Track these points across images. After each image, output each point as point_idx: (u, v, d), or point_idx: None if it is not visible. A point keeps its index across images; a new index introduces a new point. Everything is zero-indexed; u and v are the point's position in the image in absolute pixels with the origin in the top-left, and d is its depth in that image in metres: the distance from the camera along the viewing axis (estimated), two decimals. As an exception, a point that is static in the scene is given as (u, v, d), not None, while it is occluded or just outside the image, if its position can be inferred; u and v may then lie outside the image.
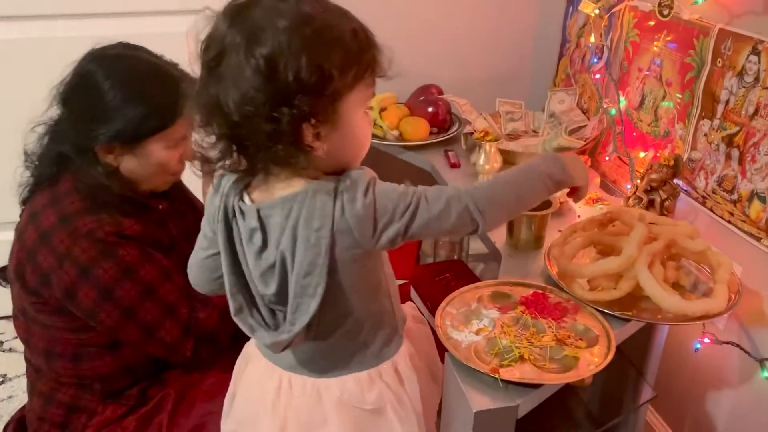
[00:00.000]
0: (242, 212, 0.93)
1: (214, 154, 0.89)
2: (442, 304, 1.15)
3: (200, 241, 1.03)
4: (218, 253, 0.97)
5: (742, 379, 1.37)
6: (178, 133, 1.22)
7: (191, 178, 1.39)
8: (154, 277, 1.20)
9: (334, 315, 0.96)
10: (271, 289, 0.94)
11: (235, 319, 0.97)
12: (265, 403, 1.04)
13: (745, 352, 1.29)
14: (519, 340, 1.08)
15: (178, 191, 1.41)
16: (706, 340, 1.34)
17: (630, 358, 1.44)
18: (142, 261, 1.20)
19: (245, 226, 0.93)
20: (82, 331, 1.24)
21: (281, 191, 0.90)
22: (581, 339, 1.10)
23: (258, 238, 0.92)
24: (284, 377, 1.03)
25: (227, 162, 0.89)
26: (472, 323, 1.12)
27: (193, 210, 1.41)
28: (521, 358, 1.04)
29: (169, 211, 1.33)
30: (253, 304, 0.97)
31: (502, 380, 1.00)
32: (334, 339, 0.99)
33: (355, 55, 0.85)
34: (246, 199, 0.93)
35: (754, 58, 1.28)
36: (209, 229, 0.99)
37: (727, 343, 1.32)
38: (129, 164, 1.22)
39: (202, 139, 0.89)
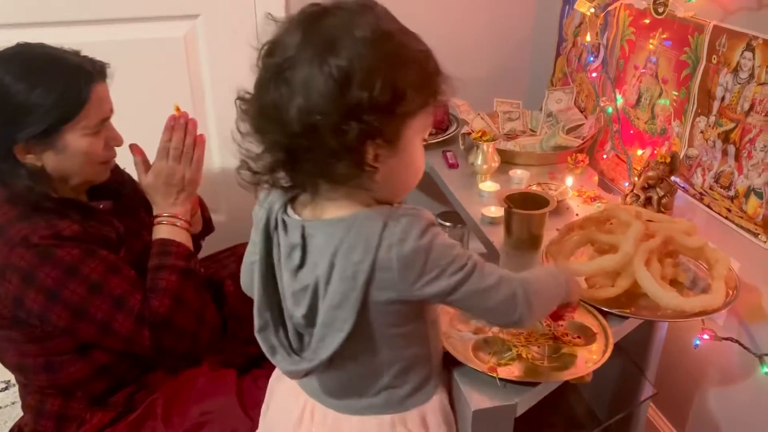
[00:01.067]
0: (285, 225, 0.89)
1: (260, 165, 0.85)
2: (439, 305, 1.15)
3: (249, 245, 1.00)
4: None
5: (742, 375, 1.37)
6: (92, 120, 1.20)
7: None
8: (100, 273, 1.19)
9: (359, 353, 0.91)
10: (301, 310, 0.90)
11: (258, 337, 0.94)
12: (288, 426, 1.02)
13: (745, 347, 1.30)
14: (517, 338, 1.09)
15: (128, 189, 1.40)
16: (706, 337, 1.34)
17: (630, 356, 1.44)
18: (85, 259, 1.18)
19: (286, 240, 0.89)
20: (45, 341, 1.23)
21: (330, 213, 0.86)
22: (579, 337, 1.11)
23: (297, 255, 0.88)
24: (308, 404, 1.00)
25: (276, 176, 0.85)
26: (470, 323, 1.12)
27: (145, 206, 1.38)
28: (519, 357, 1.05)
29: (113, 209, 1.32)
30: (281, 323, 0.94)
31: (500, 379, 1.00)
32: (357, 376, 0.95)
33: (427, 78, 0.83)
34: (291, 212, 0.90)
35: (748, 54, 1.28)
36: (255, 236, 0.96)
37: (727, 339, 1.32)
38: (52, 161, 1.20)
39: (248, 149, 0.85)
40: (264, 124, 0.82)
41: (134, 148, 1.36)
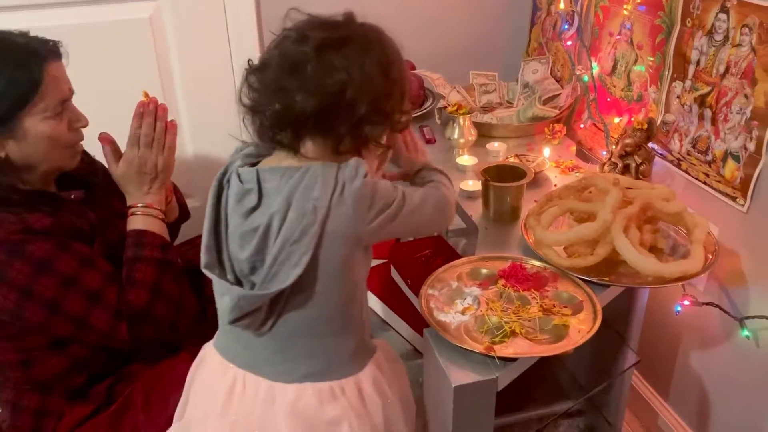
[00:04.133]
0: (239, 176, 0.96)
1: (271, 119, 0.93)
2: (423, 287, 1.13)
3: None
4: None
5: (724, 338, 1.38)
6: (50, 101, 1.15)
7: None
8: (74, 267, 1.15)
9: (304, 299, 0.94)
10: (245, 253, 0.94)
11: (205, 271, 0.97)
12: (215, 404, 1.00)
13: (725, 311, 1.30)
14: (507, 314, 1.07)
15: (99, 177, 1.36)
16: (687, 303, 1.34)
17: (612, 324, 1.44)
18: (57, 253, 1.14)
19: (240, 187, 0.95)
20: (20, 337, 1.19)
21: (287, 162, 0.95)
22: (566, 306, 1.09)
23: (252, 198, 0.94)
24: (239, 376, 1.00)
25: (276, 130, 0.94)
26: (456, 303, 1.11)
27: (118, 195, 1.34)
28: (513, 333, 1.03)
29: (86, 199, 1.28)
30: (222, 267, 0.98)
31: (499, 358, 0.98)
32: (296, 333, 0.97)
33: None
34: (247, 167, 0.97)
35: (723, 16, 1.26)
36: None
37: (707, 304, 1.32)
38: (15, 150, 1.15)
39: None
40: (294, 83, 0.89)
41: (103, 137, 1.30)
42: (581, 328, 1.04)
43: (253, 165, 0.98)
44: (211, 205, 0.99)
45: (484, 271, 1.19)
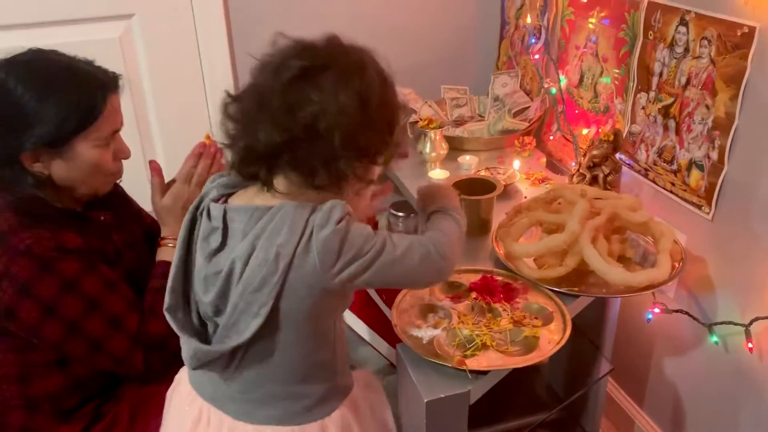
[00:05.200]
0: (208, 211, 0.91)
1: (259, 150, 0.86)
2: (395, 302, 1.14)
3: None
4: None
5: (694, 345, 1.40)
6: (104, 131, 1.18)
7: (138, 186, 1.36)
8: (98, 290, 1.17)
9: (267, 348, 0.90)
10: (210, 296, 0.90)
11: (167, 315, 0.94)
12: None
13: (694, 318, 1.31)
14: (478, 327, 1.08)
15: (121, 201, 1.37)
16: (657, 311, 1.36)
17: (586, 333, 1.46)
18: (84, 274, 1.16)
19: (207, 224, 0.91)
20: (27, 351, 1.20)
21: (260, 199, 0.89)
22: (536, 318, 1.10)
23: (216, 239, 0.89)
24: (204, 410, 0.98)
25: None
26: (428, 317, 1.11)
27: (138, 220, 1.37)
28: (484, 346, 1.04)
29: (112, 223, 1.30)
30: (188, 308, 0.95)
31: (471, 371, 0.99)
32: (259, 378, 0.93)
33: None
34: (218, 202, 0.93)
35: (682, 28, 1.29)
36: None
37: (677, 311, 1.34)
38: (60, 170, 1.17)
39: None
40: (262, 116, 0.84)
41: (153, 167, 1.34)
42: (552, 339, 1.05)
43: (227, 197, 0.94)
44: (182, 239, 0.94)
45: (456, 284, 1.19)
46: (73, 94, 1.14)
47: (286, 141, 0.83)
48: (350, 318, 1.55)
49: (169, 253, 1.30)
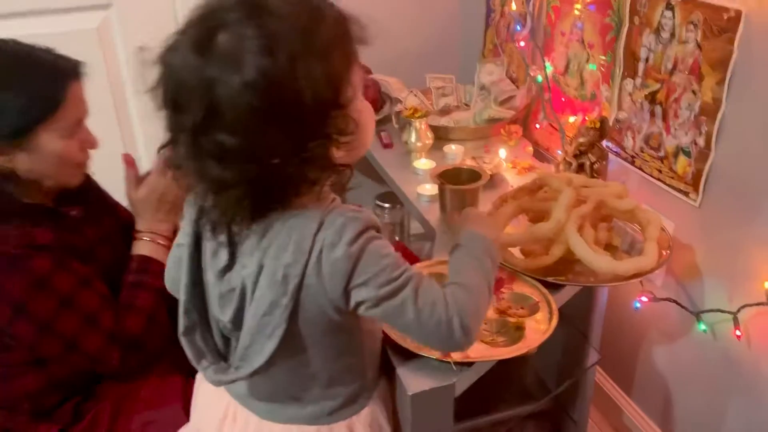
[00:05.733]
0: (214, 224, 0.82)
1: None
2: None
3: (179, 234, 0.93)
4: None
5: (682, 333, 1.39)
6: (67, 121, 1.14)
7: (117, 179, 1.33)
8: (71, 287, 1.13)
9: (288, 362, 0.85)
10: (228, 315, 0.84)
11: (182, 340, 0.87)
12: (213, 425, 0.96)
13: (682, 306, 1.30)
14: None
15: (95, 195, 1.34)
16: (645, 299, 1.34)
17: (574, 323, 1.44)
18: (56, 270, 1.13)
19: (212, 240, 0.83)
20: (2, 351, 1.17)
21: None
22: (522, 307, 1.09)
23: (224, 255, 0.82)
24: (231, 406, 0.95)
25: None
26: None
27: (112, 214, 1.34)
28: None
29: (84, 217, 1.26)
30: (207, 326, 0.88)
31: (456, 363, 0.97)
32: (286, 384, 0.89)
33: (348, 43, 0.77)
34: None
35: (668, 13, 1.27)
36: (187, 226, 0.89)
37: (665, 299, 1.33)
38: (24, 163, 1.13)
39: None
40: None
41: (128, 160, 1.29)
42: (538, 329, 1.03)
43: None
44: (188, 255, 0.85)
45: (441, 274, 1.17)
46: (32, 83, 1.10)
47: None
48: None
49: (146, 247, 1.27)
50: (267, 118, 0.69)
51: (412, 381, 0.95)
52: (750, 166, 1.16)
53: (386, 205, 1.86)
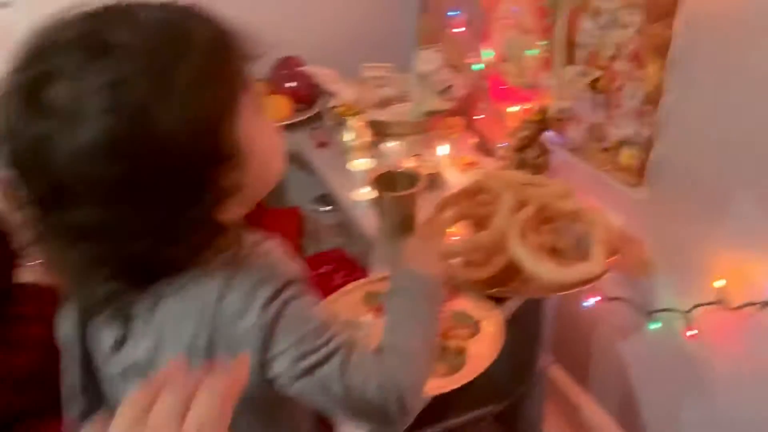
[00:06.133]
0: None
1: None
2: None
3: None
4: None
5: (635, 330, 1.34)
6: None
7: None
8: None
9: None
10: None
11: (83, 422, 0.73)
12: None
13: (633, 306, 1.25)
14: None
15: None
16: (594, 300, 1.29)
17: (525, 326, 1.38)
18: None
19: (99, 319, 0.70)
20: None
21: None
22: (465, 327, 1.01)
23: (111, 337, 0.69)
24: None
25: None
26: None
27: None
28: None
29: None
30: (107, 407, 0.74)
31: None
32: None
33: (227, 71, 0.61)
34: None
35: (607, -4, 1.19)
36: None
37: (615, 299, 1.27)
38: None
39: None
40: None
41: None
42: (481, 354, 0.96)
43: None
44: (76, 339, 0.71)
45: (379, 293, 1.09)
46: None
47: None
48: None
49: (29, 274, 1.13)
50: (123, 189, 0.56)
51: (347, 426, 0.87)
52: (696, 157, 1.10)
53: (327, 207, 1.75)
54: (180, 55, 0.56)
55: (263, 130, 0.66)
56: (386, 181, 1.27)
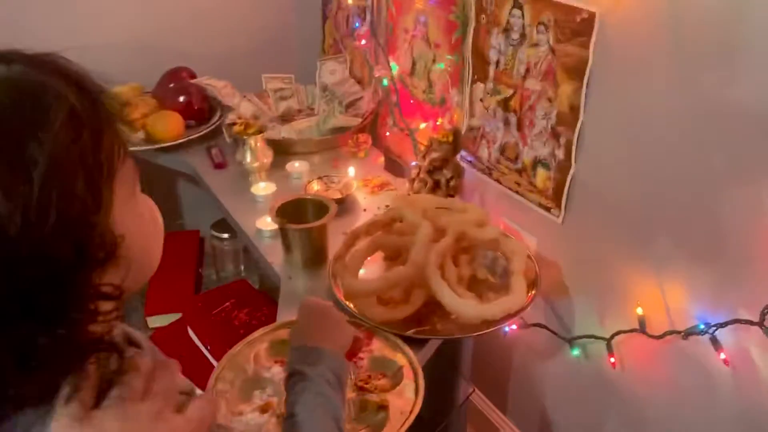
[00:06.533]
0: None
1: None
2: (210, 380, 0.90)
3: None
4: None
5: (554, 354, 1.30)
6: None
7: None
8: None
9: None
10: None
11: None
12: None
13: (553, 333, 1.21)
14: None
15: None
16: (514, 327, 1.24)
17: (444, 353, 1.32)
18: None
19: None
20: None
21: None
22: (383, 376, 0.92)
23: None
24: None
25: None
26: (254, 396, 0.88)
27: None
28: None
29: None
30: None
31: None
32: None
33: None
34: None
35: (517, 12, 1.14)
36: None
37: (535, 325, 1.23)
38: None
39: None
40: None
41: None
42: (402, 409, 0.87)
43: None
44: None
45: (284, 341, 0.98)
46: None
47: None
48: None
49: None
50: None
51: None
52: (612, 180, 1.06)
53: (224, 235, 1.61)
54: (30, 137, 0.42)
55: (140, 214, 0.53)
56: (292, 209, 1.16)
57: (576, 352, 1.20)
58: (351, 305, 1.03)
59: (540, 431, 1.44)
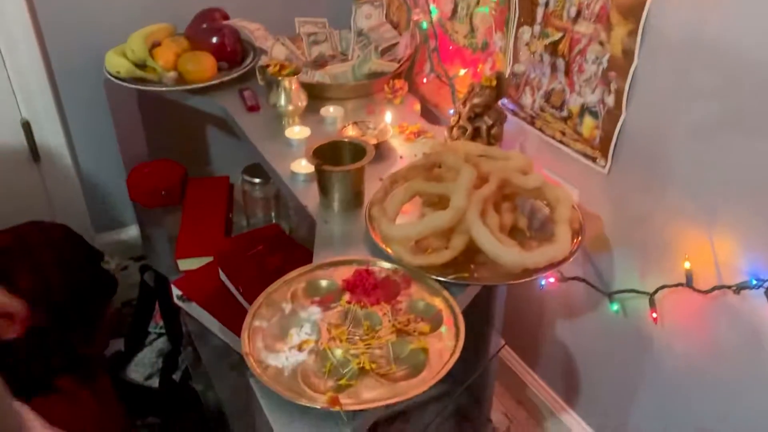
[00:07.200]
0: None
1: None
2: (247, 318, 0.88)
3: None
4: None
5: (591, 309, 1.28)
6: None
7: None
8: None
9: None
10: None
11: None
12: None
13: (593, 286, 1.18)
14: (354, 344, 0.85)
15: None
16: (551, 280, 1.21)
17: (476, 303, 1.29)
18: None
19: None
20: None
21: None
22: (422, 320, 0.90)
23: None
24: None
25: None
26: (291, 335, 0.87)
27: None
28: (362, 371, 0.82)
29: None
30: None
31: (347, 412, 0.77)
32: None
33: None
34: None
35: (570, -51, 1.08)
36: None
37: (573, 278, 1.20)
38: None
39: None
40: None
41: None
42: (443, 350, 0.85)
43: None
44: None
45: (323, 283, 0.96)
46: None
47: None
48: (199, 312, 1.29)
49: None
50: None
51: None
52: (666, 130, 1.02)
53: (256, 180, 1.59)
54: None
55: None
56: (328, 152, 1.13)
57: (615, 307, 1.17)
58: (389, 249, 1.00)
59: (570, 388, 1.42)
